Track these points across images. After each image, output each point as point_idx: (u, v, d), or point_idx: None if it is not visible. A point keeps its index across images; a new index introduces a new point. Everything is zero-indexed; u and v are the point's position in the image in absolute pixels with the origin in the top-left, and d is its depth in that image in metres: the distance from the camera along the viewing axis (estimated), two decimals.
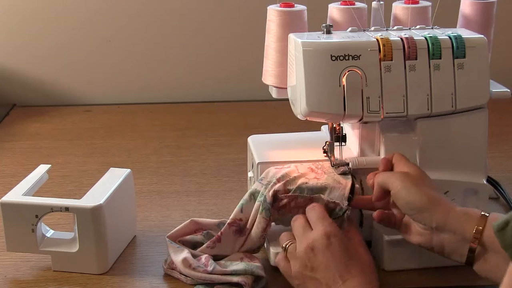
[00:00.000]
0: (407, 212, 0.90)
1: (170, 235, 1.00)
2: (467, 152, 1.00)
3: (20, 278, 0.98)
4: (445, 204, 0.87)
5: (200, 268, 0.94)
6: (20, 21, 1.72)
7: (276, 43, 1.05)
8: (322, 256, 0.86)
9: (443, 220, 0.86)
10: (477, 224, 0.84)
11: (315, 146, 1.06)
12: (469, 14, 1.08)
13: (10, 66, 1.75)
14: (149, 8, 1.72)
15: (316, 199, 0.96)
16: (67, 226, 1.08)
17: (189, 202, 1.21)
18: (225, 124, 1.60)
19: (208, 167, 1.36)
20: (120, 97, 1.77)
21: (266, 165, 1.03)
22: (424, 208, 0.87)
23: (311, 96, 0.95)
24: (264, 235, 0.97)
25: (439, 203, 0.87)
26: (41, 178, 1.05)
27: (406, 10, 1.06)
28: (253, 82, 1.30)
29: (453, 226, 0.86)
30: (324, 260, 0.86)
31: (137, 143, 1.48)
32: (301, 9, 1.05)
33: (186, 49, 1.76)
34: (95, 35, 1.74)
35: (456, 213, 0.86)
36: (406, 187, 0.88)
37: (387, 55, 0.95)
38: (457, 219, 0.86)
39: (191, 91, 1.79)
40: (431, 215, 0.87)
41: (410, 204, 0.88)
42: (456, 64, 0.97)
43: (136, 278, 0.98)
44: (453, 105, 0.97)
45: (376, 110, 0.95)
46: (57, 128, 1.59)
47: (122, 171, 1.06)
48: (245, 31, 1.74)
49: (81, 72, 1.77)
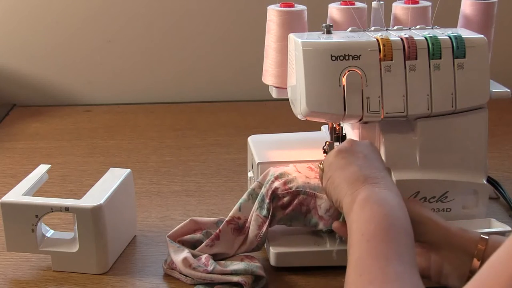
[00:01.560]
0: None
1: (170, 234, 1.00)
2: (467, 152, 1.00)
3: (20, 278, 0.98)
4: (441, 221, 0.87)
5: (200, 268, 0.94)
6: (20, 21, 1.72)
7: (276, 43, 1.05)
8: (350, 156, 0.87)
9: (442, 235, 0.85)
10: (479, 244, 0.83)
11: (315, 146, 1.06)
12: (469, 14, 1.08)
13: (10, 66, 1.75)
14: (149, 8, 1.72)
15: (320, 196, 0.96)
16: (67, 226, 1.08)
17: (189, 202, 1.21)
18: (225, 124, 1.60)
19: (208, 167, 1.36)
20: (120, 97, 1.77)
21: (266, 165, 1.03)
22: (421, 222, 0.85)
23: (311, 96, 0.95)
24: (261, 234, 0.97)
25: (435, 220, 0.86)
26: (41, 178, 1.05)
27: (406, 10, 1.06)
28: (253, 82, 1.30)
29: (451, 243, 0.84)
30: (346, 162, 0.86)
31: (137, 143, 1.48)
32: (301, 9, 1.05)
33: (186, 49, 1.76)
34: (95, 35, 1.74)
35: (454, 230, 0.85)
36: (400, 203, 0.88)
37: (387, 55, 0.95)
38: (456, 236, 0.85)
39: (191, 91, 1.79)
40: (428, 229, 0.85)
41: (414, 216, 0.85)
42: (456, 64, 0.97)
43: (136, 278, 0.98)
44: (453, 105, 0.97)
45: (376, 110, 0.95)
46: (57, 128, 1.59)
47: (122, 171, 1.06)
48: (245, 31, 1.74)
49: (81, 72, 1.77)
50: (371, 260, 0.70)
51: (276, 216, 0.98)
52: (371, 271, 0.69)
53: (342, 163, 0.87)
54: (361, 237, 0.73)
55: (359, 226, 0.75)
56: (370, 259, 0.70)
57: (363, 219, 0.76)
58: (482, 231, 0.91)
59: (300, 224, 0.99)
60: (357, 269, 0.70)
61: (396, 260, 0.69)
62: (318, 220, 0.97)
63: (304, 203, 0.97)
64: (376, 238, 0.72)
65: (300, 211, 0.98)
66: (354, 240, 0.74)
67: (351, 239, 0.75)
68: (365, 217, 0.76)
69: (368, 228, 0.74)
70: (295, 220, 0.99)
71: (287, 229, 1.01)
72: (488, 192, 1.02)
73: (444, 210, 1.00)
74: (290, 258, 0.98)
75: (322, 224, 0.97)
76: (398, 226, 0.74)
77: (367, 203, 0.78)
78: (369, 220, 0.75)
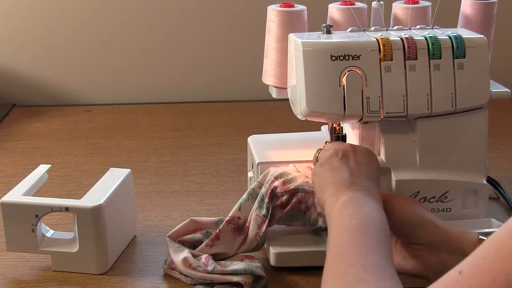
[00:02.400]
0: (402, 229, 0.88)
1: (170, 234, 1.00)
2: (467, 152, 1.00)
3: (20, 278, 0.98)
4: (440, 223, 0.87)
5: (200, 268, 0.94)
6: (20, 21, 1.72)
7: (276, 43, 1.05)
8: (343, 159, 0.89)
9: (441, 237, 0.85)
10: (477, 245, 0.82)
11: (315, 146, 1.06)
12: (469, 14, 1.08)
13: (10, 66, 1.75)
14: (149, 8, 1.72)
15: None
16: (67, 226, 1.08)
17: (189, 202, 1.21)
18: (225, 124, 1.60)
19: (208, 167, 1.36)
20: (120, 97, 1.77)
21: (266, 165, 1.03)
22: (419, 224, 0.86)
23: (311, 96, 0.95)
24: (261, 233, 0.97)
25: (434, 222, 0.86)
26: (41, 178, 1.05)
27: (406, 10, 1.06)
28: (253, 82, 1.30)
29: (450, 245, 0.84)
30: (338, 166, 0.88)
31: (137, 143, 1.48)
32: (301, 9, 1.05)
33: (186, 49, 1.76)
34: (95, 35, 1.74)
35: (452, 231, 0.85)
36: (400, 203, 0.88)
37: (387, 55, 0.95)
38: (454, 237, 0.85)
39: (191, 91, 1.79)
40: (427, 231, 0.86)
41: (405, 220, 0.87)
42: (456, 64, 0.97)
43: (136, 278, 0.98)
44: (453, 105, 0.97)
45: (376, 110, 0.95)
46: (57, 128, 1.59)
47: (122, 171, 1.06)
48: (245, 31, 1.74)
49: (81, 72, 1.77)
50: (353, 248, 0.73)
51: (276, 216, 0.98)
52: (353, 256, 0.72)
53: (335, 165, 0.89)
54: (343, 230, 0.77)
55: (340, 222, 0.79)
56: (352, 248, 0.74)
57: (345, 216, 0.79)
58: (482, 231, 0.91)
59: (299, 223, 0.99)
60: (338, 256, 0.73)
61: (375, 251, 0.73)
62: (317, 216, 0.97)
63: (303, 201, 0.97)
64: (358, 230, 0.76)
65: (299, 210, 0.98)
66: (336, 233, 0.78)
67: (331, 234, 0.79)
68: (347, 214, 0.80)
69: (350, 223, 0.77)
70: (295, 220, 0.99)
71: (287, 229, 1.01)
72: (488, 192, 1.02)
73: (444, 210, 1.00)
74: (290, 258, 0.98)
75: (321, 220, 0.97)
76: (377, 224, 0.78)
77: (349, 203, 0.82)
78: (351, 217, 0.79)
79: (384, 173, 0.98)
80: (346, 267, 0.71)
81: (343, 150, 0.91)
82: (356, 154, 0.90)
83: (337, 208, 0.82)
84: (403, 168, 0.99)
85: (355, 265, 0.71)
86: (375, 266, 0.71)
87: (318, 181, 0.90)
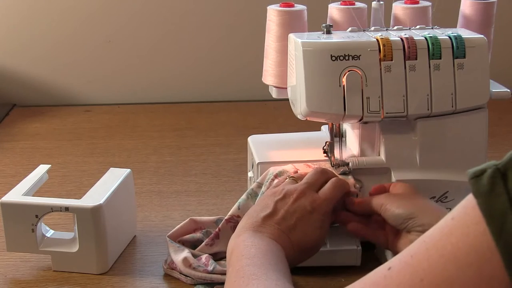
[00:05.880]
0: (397, 224, 0.88)
1: (170, 234, 1.00)
2: (467, 152, 1.00)
3: (20, 278, 0.98)
4: (435, 209, 0.87)
5: (200, 268, 0.94)
6: (20, 21, 1.72)
7: (276, 43, 1.05)
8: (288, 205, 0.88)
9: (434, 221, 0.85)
10: None
11: (315, 146, 1.06)
12: (469, 14, 1.08)
13: (10, 66, 1.75)
14: (149, 8, 1.72)
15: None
16: (67, 226, 1.08)
17: (189, 202, 1.21)
18: (225, 124, 1.60)
19: (208, 167, 1.36)
20: (120, 97, 1.77)
21: (266, 165, 1.03)
22: (411, 215, 0.86)
23: (311, 96, 0.95)
24: None
25: (427, 209, 0.87)
26: (41, 178, 1.05)
27: (406, 10, 1.06)
28: (253, 82, 1.30)
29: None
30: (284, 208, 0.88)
31: (137, 143, 1.48)
32: (301, 9, 1.05)
33: (186, 49, 1.76)
34: (95, 35, 1.74)
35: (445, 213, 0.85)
36: (391, 200, 0.89)
37: (387, 55, 0.95)
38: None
39: (191, 91, 1.79)
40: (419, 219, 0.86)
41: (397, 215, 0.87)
42: (456, 64, 0.97)
43: (136, 278, 0.98)
44: (453, 105, 0.97)
45: (376, 110, 0.95)
46: (57, 128, 1.59)
47: (122, 171, 1.06)
48: (245, 31, 1.74)
49: (81, 72, 1.77)
50: (254, 269, 0.76)
51: None
52: (258, 276, 0.74)
53: (267, 203, 0.89)
54: (241, 257, 0.79)
55: (240, 249, 0.81)
56: (252, 268, 0.76)
57: (244, 245, 0.82)
58: None
59: None
60: (239, 275, 0.76)
61: (273, 271, 0.76)
62: None
63: None
64: (257, 256, 0.79)
65: None
66: (234, 260, 0.80)
67: (230, 262, 0.81)
68: (246, 244, 0.82)
69: (249, 251, 0.80)
70: None
71: None
72: None
73: None
74: None
75: None
76: (275, 253, 0.81)
77: (249, 237, 0.84)
78: (250, 246, 0.81)
79: (384, 173, 0.98)
80: (250, 282, 0.74)
81: (289, 193, 0.89)
82: (301, 200, 0.88)
83: (240, 239, 0.84)
84: (403, 168, 0.99)
85: (259, 277, 0.74)
86: (276, 279, 0.74)
87: (252, 207, 0.91)
